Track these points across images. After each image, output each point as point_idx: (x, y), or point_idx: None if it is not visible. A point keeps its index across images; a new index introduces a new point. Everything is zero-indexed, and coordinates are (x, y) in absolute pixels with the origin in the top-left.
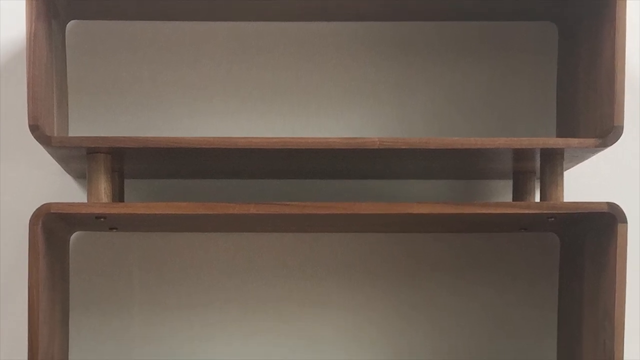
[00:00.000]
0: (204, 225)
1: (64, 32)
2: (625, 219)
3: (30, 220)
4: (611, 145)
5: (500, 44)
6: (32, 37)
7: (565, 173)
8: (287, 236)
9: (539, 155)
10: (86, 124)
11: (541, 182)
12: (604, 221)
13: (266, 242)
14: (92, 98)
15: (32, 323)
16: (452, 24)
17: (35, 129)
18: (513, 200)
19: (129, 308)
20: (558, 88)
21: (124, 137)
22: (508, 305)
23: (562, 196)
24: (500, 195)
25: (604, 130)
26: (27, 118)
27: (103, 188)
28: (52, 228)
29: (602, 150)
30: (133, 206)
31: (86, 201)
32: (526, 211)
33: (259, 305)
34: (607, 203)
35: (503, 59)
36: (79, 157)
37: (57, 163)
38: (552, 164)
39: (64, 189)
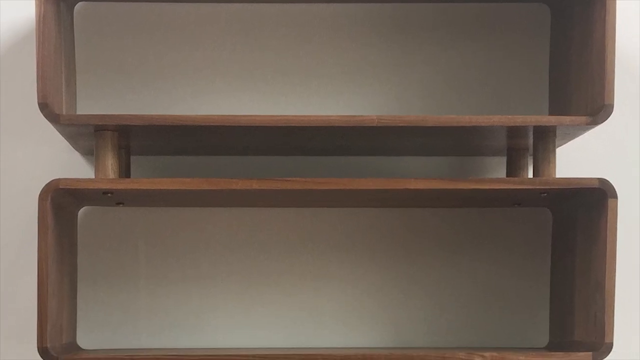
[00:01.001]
0: (208, 201)
1: (72, 13)
2: (616, 194)
3: (39, 196)
4: (602, 123)
5: (494, 25)
6: (42, 19)
7: (558, 150)
8: (289, 211)
9: (532, 132)
10: (93, 102)
11: (534, 159)
12: (595, 196)
13: (268, 217)
14: (99, 77)
15: (42, 295)
16: (448, 6)
17: (45, 107)
18: (507, 176)
19: (135, 280)
20: (550, 68)
21: (130, 115)
22: (502, 277)
23: (555, 172)
24: (494, 172)
25: (595, 108)
26: (36, 96)
27: (110, 164)
28: (60, 203)
29: (593, 127)
30: (139, 182)
31: (94, 177)
32: (519, 187)
33: (261, 278)
34: (598, 179)
35: (497, 39)
36: (86, 134)
37: (65, 140)
38: (544, 141)
39: (72, 165)
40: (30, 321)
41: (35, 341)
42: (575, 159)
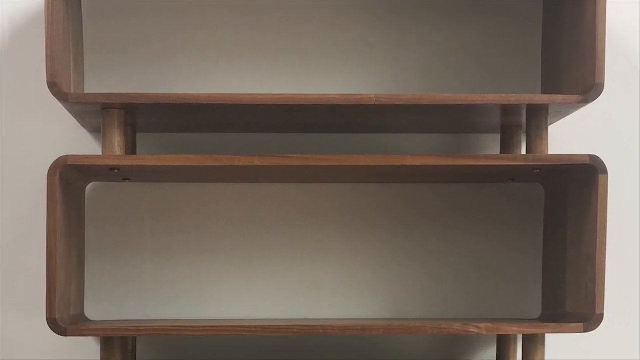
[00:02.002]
0: (211, 176)
1: None
2: (606, 170)
3: (48, 172)
4: (593, 101)
5: (489, 6)
6: (51, 1)
7: (550, 127)
8: (289, 186)
9: (525, 110)
10: (101, 81)
11: (527, 136)
12: (586, 172)
13: (269, 192)
14: (106, 57)
15: (50, 267)
16: None
17: (53, 86)
18: (501, 153)
19: (141, 254)
20: (543, 48)
21: (136, 93)
22: (496, 251)
23: (547, 149)
24: (488, 148)
25: (586, 87)
26: (45, 76)
27: (117, 141)
28: (68, 179)
29: (584, 106)
30: (145, 158)
31: (101, 154)
32: (513, 163)
33: (262, 251)
34: (589, 155)
35: (492, 20)
36: (94, 112)
37: (73, 118)
38: (537, 119)
39: (80, 142)
40: (40, 293)
41: (45, 312)
42: (567, 136)
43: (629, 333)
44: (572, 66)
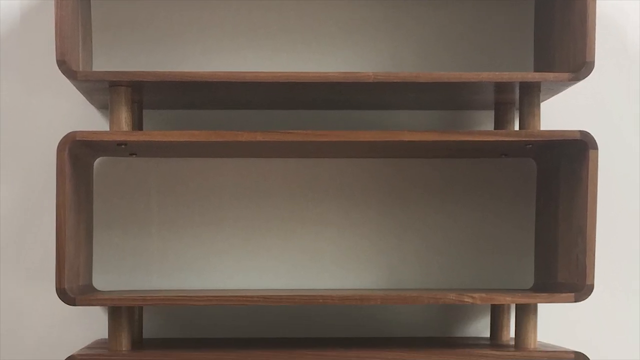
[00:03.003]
0: (216, 152)
1: None
2: (596, 145)
3: (57, 147)
4: (583, 79)
5: None
6: None
7: (542, 104)
8: (291, 161)
9: (518, 88)
10: (108, 59)
11: (520, 112)
12: (577, 147)
13: (272, 167)
14: (113, 36)
15: (60, 240)
16: None
17: (62, 64)
18: (495, 129)
19: (147, 226)
20: (535, 27)
21: (142, 71)
22: (490, 223)
23: (539, 125)
24: (483, 124)
25: (577, 65)
26: (55, 54)
27: (124, 117)
28: (77, 154)
29: (575, 83)
30: (151, 134)
31: (108, 129)
32: (506, 138)
33: (265, 224)
34: (580, 131)
35: (486, 0)
36: (101, 89)
37: (82, 95)
38: (529, 96)
39: (88, 119)
40: (49, 264)
41: (54, 283)
42: (559, 112)
43: (617, 303)
44: (563, 45)
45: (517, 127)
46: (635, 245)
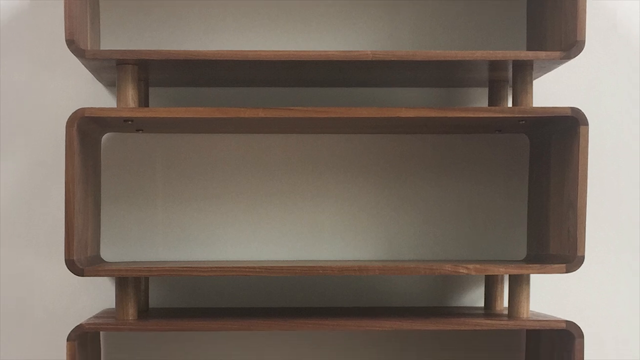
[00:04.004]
0: (219, 128)
1: None
2: (587, 121)
3: (66, 123)
4: (574, 57)
5: None
6: None
7: (534, 81)
8: (291, 137)
9: (511, 66)
10: (115, 38)
11: (513, 90)
12: (568, 123)
13: (273, 142)
14: (120, 16)
15: (69, 213)
16: None
17: (71, 43)
18: (489, 106)
19: (153, 199)
20: (528, 7)
21: (149, 50)
22: (484, 197)
23: (532, 102)
24: (477, 101)
25: (568, 44)
26: (64, 34)
27: (130, 95)
28: (85, 130)
29: (567, 61)
30: (157, 111)
31: (116, 106)
32: (500, 115)
33: (266, 197)
34: (571, 108)
35: None
36: (109, 67)
37: (90, 73)
38: (522, 74)
39: (96, 96)
40: (58, 236)
41: (63, 254)
42: (551, 89)
43: (607, 273)
44: (555, 24)
45: (510, 104)
46: (625, 218)
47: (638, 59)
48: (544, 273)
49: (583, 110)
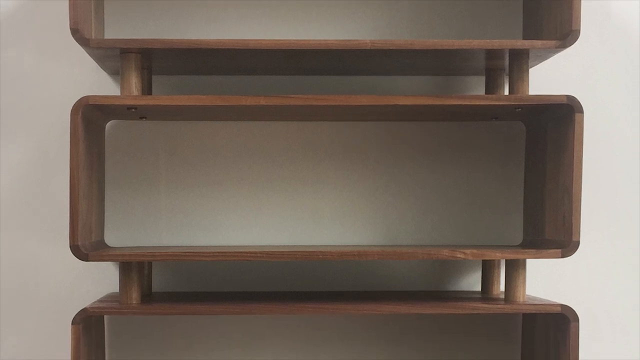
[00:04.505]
0: (221, 115)
1: None
2: (582, 109)
3: (71, 110)
4: (570, 46)
5: None
6: None
7: (531, 70)
8: (292, 124)
9: (507, 54)
10: (119, 27)
11: (509, 78)
12: (564, 111)
13: (274, 130)
14: (124, 5)
15: (73, 198)
16: None
17: (76, 32)
18: (486, 93)
19: (156, 186)
20: None
21: (152, 39)
22: (481, 183)
23: (528, 90)
24: (474, 89)
25: (564, 33)
26: (69, 23)
27: (134, 83)
28: (90, 117)
29: (562, 50)
30: (160, 98)
31: (119, 94)
32: (497, 103)
33: (267, 184)
34: (566, 96)
35: None
36: (113, 56)
37: (94, 61)
38: (519, 62)
39: (100, 84)
40: (63, 222)
41: (68, 239)
42: (547, 78)
43: (602, 258)
44: (551, 13)
45: (506, 92)
46: (619, 204)
47: (632, 47)
48: (540, 258)
49: (578, 98)
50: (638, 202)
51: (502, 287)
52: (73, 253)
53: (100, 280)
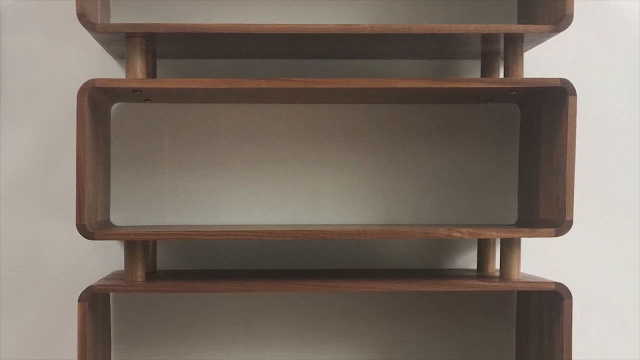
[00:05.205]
0: (223, 98)
1: None
2: (575, 92)
3: (77, 93)
4: (563, 30)
5: None
6: None
7: (525, 54)
8: (293, 107)
9: (502, 39)
10: (124, 12)
11: (504, 62)
12: (557, 94)
13: (275, 112)
14: None
15: (80, 179)
16: None
17: (82, 16)
18: (481, 77)
19: (160, 167)
20: None
21: (156, 23)
22: (477, 164)
23: (522, 73)
24: (470, 72)
25: (558, 17)
26: (75, 8)
27: (139, 66)
28: (96, 100)
29: (556, 34)
30: (164, 81)
31: (125, 77)
32: (492, 86)
33: (269, 165)
34: (560, 79)
35: None
36: (118, 40)
37: (100, 45)
38: (513, 46)
39: (106, 67)
40: (70, 202)
41: (74, 219)
42: (541, 61)
43: (594, 237)
44: None
45: (502, 75)
46: (611, 184)
47: (625, 32)
48: (534, 237)
49: (572, 81)
50: (630, 183)
51: (498, 266)
52: (80, 232)
53: (105, 259)
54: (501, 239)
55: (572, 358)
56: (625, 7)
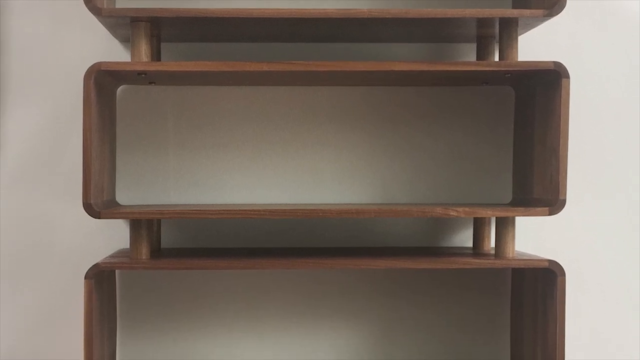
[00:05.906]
0: (226, 80)
1: None
2: (568, 74)
3: (84, 76)
4: (557, 15)
5: None
6: None
7: (520, 37)
8: (293, 89)
9: (498, 23)
10: None
11: (499, 45)
12: (551, 76)
13: (276, 94)
14: None
15: (86, 159)
16: None
17: (89, 1)
18: (477, 60)
19: (164, 148)
20: None
21: (161, 8)
22: (472, 145)
23: (517, 56)
24: (466, 56)
25: (551, 2)
26: None
27: (144, 50)
28: (102, 82)
29: (550, 19)
30: (168, 64)
31: (130, 60)
32: (487, 68)
33: (270, 145)
34: (553, 62)
35: None
36: (124, 24)
37: (106, 29)
38: (508, 30)
39: (112, 51)
40: (77, 182)
41: (81, 198)
42: (535, 45)
43: (587, 216)
44: None
45: (497, 59)
46: (603, 164)
47: (616, 15)
48: (529, 215)
49: (565, 64)
50: (621, 162)
51: (493, 244)
52: (86, 211)
53: (111, 237)
54: (496, 217)
55: (565, 335)
56: None
